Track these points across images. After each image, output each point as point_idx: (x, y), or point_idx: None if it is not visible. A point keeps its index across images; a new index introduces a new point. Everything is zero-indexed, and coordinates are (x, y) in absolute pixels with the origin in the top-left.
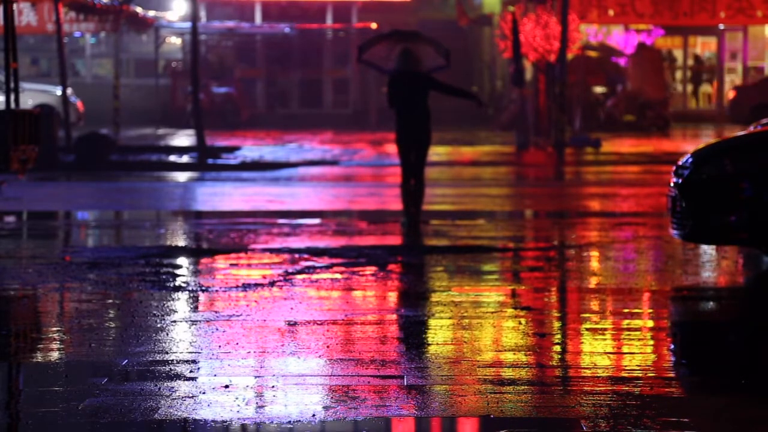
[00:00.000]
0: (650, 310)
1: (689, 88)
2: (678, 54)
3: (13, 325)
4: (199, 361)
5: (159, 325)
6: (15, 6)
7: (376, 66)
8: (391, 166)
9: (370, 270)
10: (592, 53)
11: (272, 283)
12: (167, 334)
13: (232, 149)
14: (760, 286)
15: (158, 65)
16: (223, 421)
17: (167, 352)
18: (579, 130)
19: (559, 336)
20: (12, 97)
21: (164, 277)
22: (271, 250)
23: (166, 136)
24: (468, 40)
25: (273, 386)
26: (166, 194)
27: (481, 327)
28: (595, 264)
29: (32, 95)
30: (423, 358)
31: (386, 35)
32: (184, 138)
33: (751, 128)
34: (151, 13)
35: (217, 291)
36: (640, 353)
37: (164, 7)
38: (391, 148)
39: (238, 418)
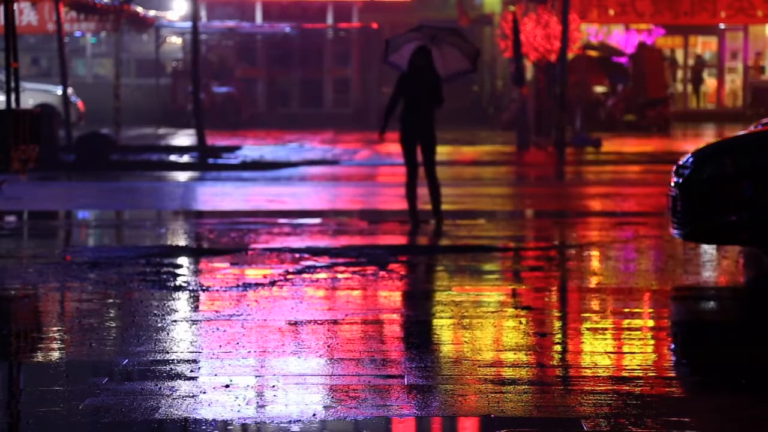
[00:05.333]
0: (651, 310)
1: (689, 87)
2: (679, 54)
3: (13, 325)
4: (199, 361)
5: (159, 325)
6: (15, 5)
7: (386, 56)
8: (391, 166)
9: (370, 270)
10: (593, 53)
11: (273, 283)
12: (168, 334)
13: (232, 149)
14: (761, 286)
15: (159, 65)
16: (224, 421)
17: (168, 352)
18: (579, 129)
19: (559, 336)
20: (12, 96)
21: (165, 276)
22: (272, 250)
23: (167, 135)
24: None
25: (273, 386)
26: (167, 194)
27: (481, 327)
28: (595, 264)
29: (33, 95)
30: (423, 358)
31: (418, 28)
32: (184, 137)
33: (752, 128)
34: (152, 13)
35: (217, 290)
36: (641, 353)
37: (165, 6)
38: (392, 148)
39: (239, 418)
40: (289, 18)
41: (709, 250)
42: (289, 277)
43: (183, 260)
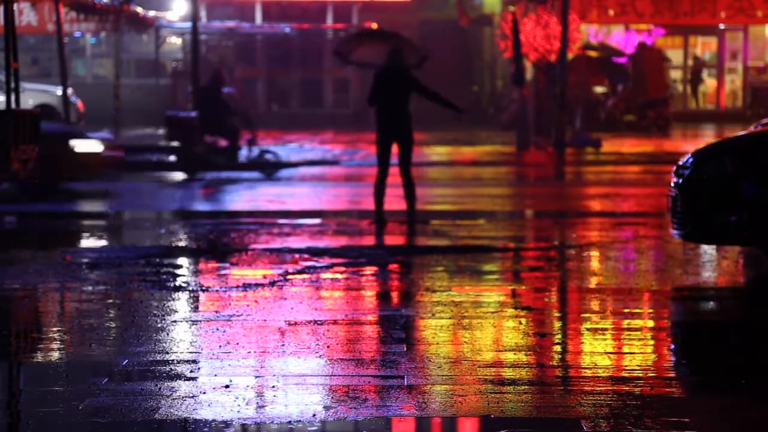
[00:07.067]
0: (650, 310)
1: (689, 88)
2: (678, 54)
3: (13, 325)
4: (199, 361)
5: (159, 325)
6: (15, 6)
7: (368, 63)
8: (390, 166)
9: (370, 270)
10: (593, 53)
11: (272, 283)
12: (167, 334)
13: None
14: (761, 286)
15: (159, 65)
16: (224, 421)
17: (167, 352)
18: (579, 130)
19: (559, 336)
20: (12, 97)
21: (165, 277)
22: (272, 250)
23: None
24: (468, 40)
25: (273, 386)
26: (167, 194)
27: (481, 327)
28: (595, 264)
29: (33, 95)
30: (423, 358)
31: (363, 35)
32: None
33: (752, 128)
34: (152, 13)
35: (217, 291)
36: (641, 353)
37: (164, 7)
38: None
39: (239, 418)
40: (288, 18)
41: (709, 250)
42: (289, 277)
43: (183, 260)
